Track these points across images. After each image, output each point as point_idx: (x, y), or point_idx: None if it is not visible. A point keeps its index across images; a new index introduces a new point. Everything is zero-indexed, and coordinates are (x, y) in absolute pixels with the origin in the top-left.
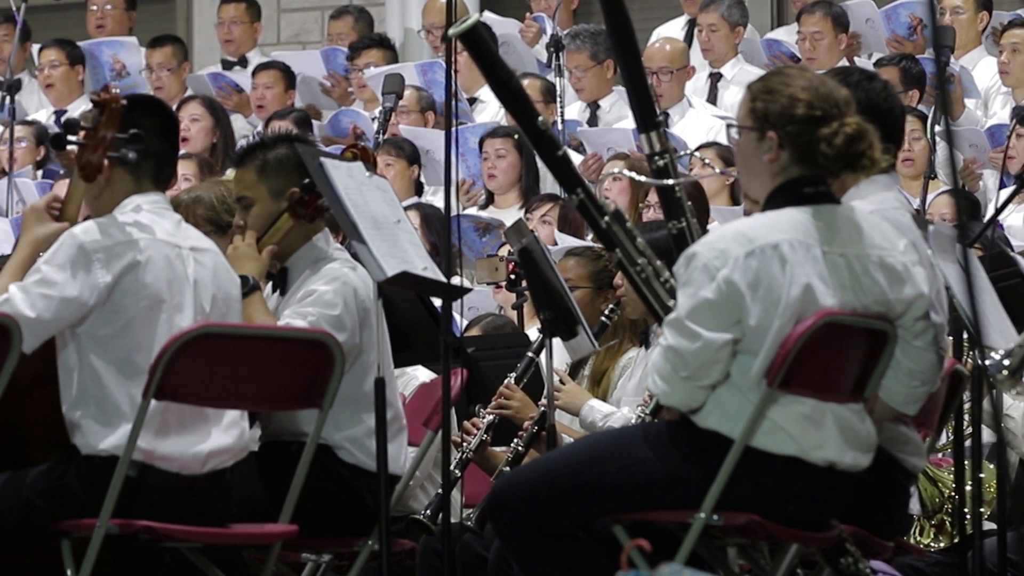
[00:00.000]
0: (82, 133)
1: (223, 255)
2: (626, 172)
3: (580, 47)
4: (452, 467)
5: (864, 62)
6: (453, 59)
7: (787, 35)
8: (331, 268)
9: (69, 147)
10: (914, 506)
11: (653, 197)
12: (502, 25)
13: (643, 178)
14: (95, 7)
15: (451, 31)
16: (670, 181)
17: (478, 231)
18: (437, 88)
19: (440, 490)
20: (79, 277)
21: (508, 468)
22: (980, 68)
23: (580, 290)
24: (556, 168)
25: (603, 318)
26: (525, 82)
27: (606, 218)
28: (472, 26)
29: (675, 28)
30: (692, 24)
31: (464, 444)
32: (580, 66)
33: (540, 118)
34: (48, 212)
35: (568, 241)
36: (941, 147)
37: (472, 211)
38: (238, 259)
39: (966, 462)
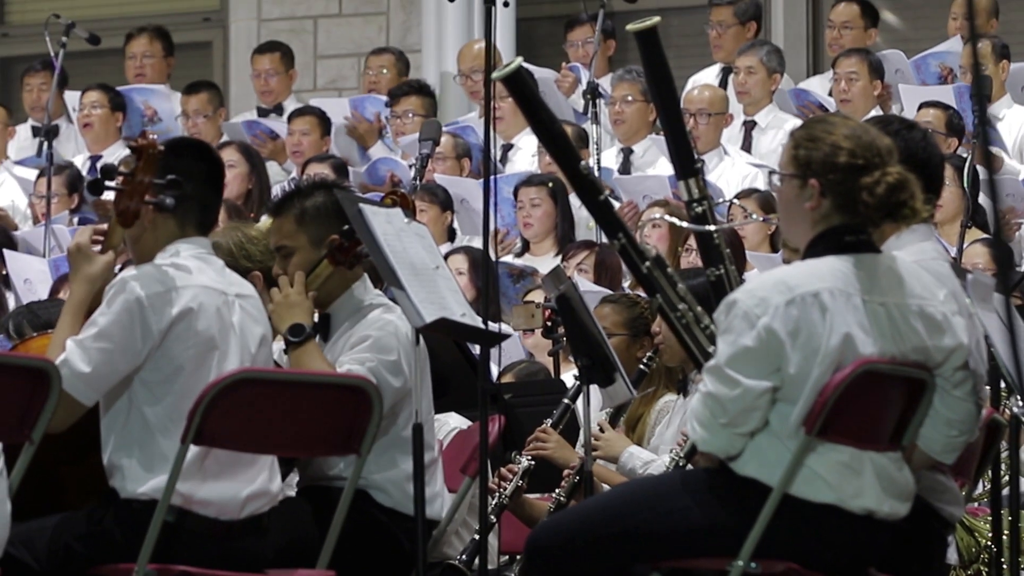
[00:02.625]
0: (120, 179)
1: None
2: (667, 217)
3: (634, 80)
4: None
5: (909, 99)
6: (492, 104)
7: (819, 85)
8: (377, 314)
9: (107, 193)
10: (951, 556)
11: (693, 241)
12: (538, 74)
13: (685, 224)
14: (134, 56)
15: (494, 75)
16: (711, 228)
17: (512, 277)
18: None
19: (476, 536)
20: (135, 328)
21: None
22: (1009, 118)
23: (616, 337)
24: (598, 213)
25: (642, 366)
26: None
27: (647, 263)
28: (515, 70)
29: (710, 76)
30: (727, 72)
31: (500, 490)
32: (628, 96)
33: (583, 162)
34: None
35: (591, 288)
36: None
37: (508, 259)
38: (289, 307)
39: (1003, 511)
